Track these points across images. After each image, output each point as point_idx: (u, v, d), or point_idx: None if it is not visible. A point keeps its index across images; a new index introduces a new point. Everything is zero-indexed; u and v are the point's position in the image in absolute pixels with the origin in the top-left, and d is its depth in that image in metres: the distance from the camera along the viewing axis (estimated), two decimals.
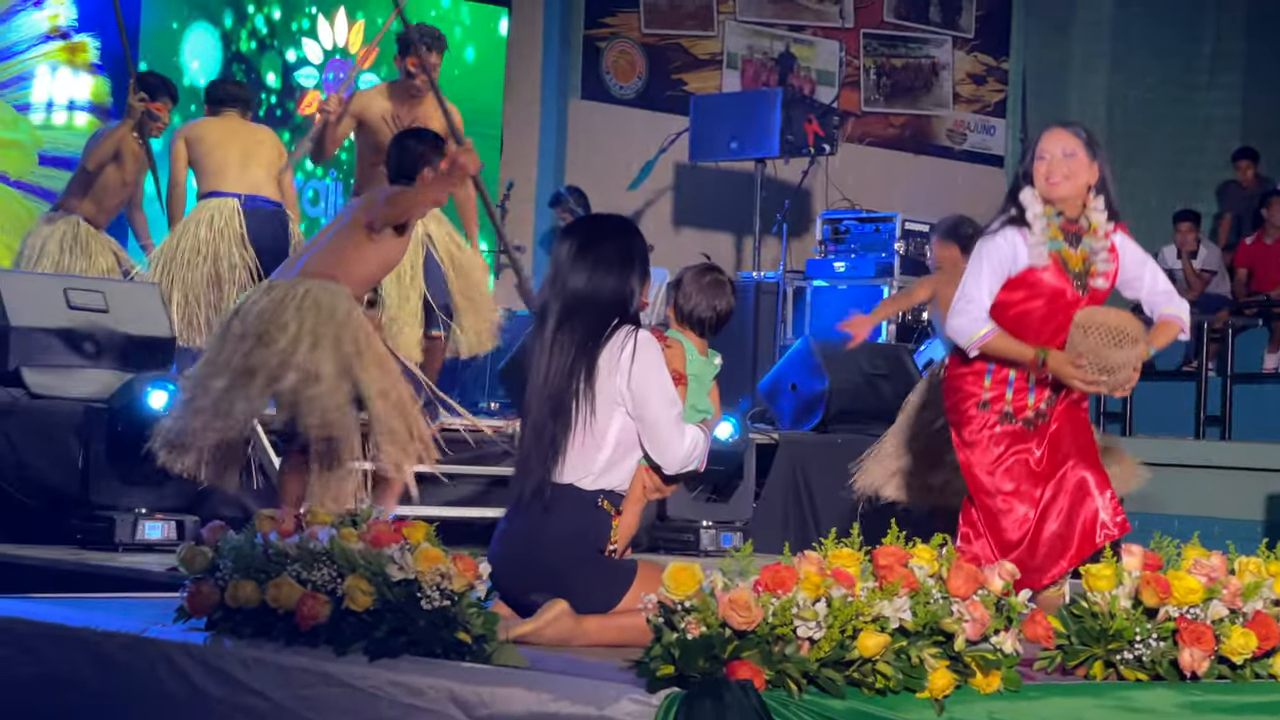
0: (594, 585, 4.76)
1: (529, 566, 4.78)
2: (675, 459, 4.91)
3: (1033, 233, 5.54)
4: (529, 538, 4.80)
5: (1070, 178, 5.54)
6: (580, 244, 4.88)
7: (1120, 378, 5.55)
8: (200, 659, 4.38)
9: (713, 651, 3.71)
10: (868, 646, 3.76)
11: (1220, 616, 4.11)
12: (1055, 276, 5.56)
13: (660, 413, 4.84)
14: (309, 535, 4.36)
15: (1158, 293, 5.72)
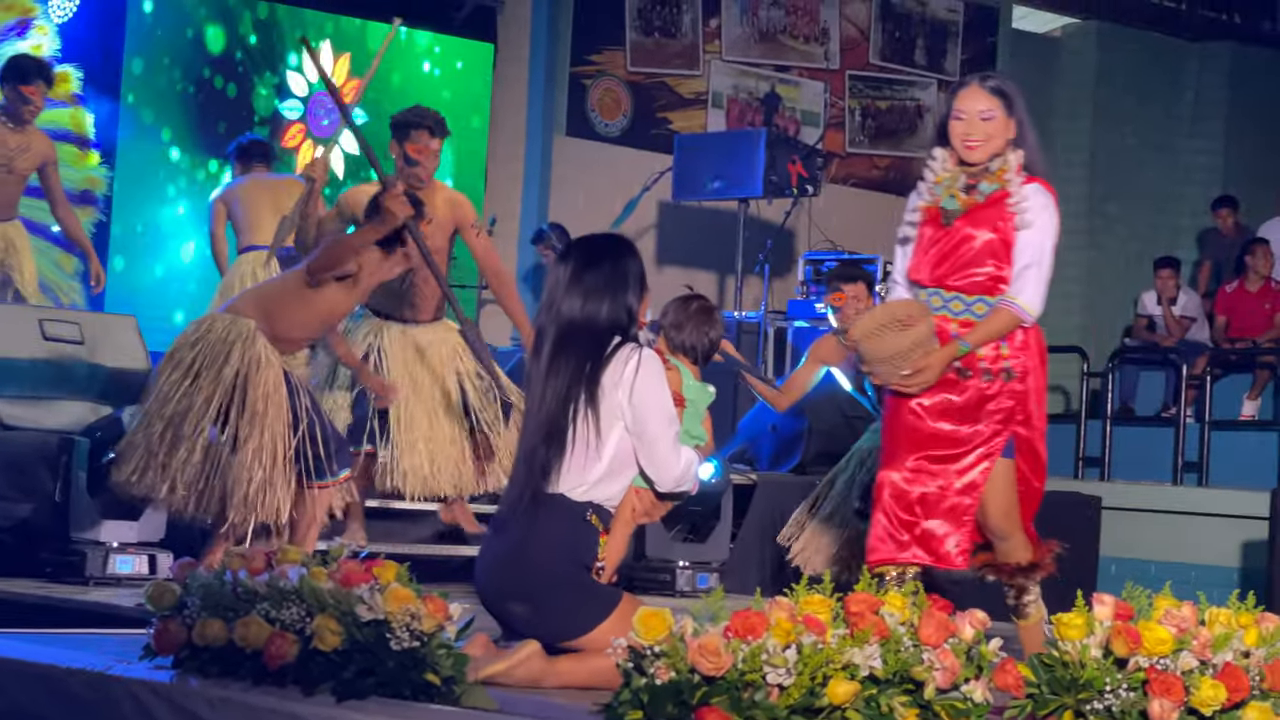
0: (572, 605, 4.73)
1: (511, 575, 4.75)
2: (670, 477, 4.91)
3: (922, 186, 5.43)
4: (514, 546, 4.77)
5: (987, 140, 5.36)
6: (574, 268, 4.86)
7: (888, 369, 5.28)
8: (166, 697, 4.35)
9: (681, 697, 3.70)
10: (837, 694, 3.75)
11: (1190, 668, 4.09)
12: (930, 225, 5.41)
13: (659, 430, 4.83)
14: (278, 574, 4.33)
15: (1021, 266, 5.36)
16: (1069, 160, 15.29)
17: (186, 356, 6.52)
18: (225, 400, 6.47)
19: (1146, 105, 15.41)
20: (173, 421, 6.48)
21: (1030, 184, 5.42)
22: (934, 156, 5.47)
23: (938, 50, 14.80)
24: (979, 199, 5.39)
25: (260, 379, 6.50)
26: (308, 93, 12.01)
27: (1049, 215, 5.43)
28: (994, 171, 5.40)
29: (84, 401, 7.81)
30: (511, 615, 4.75)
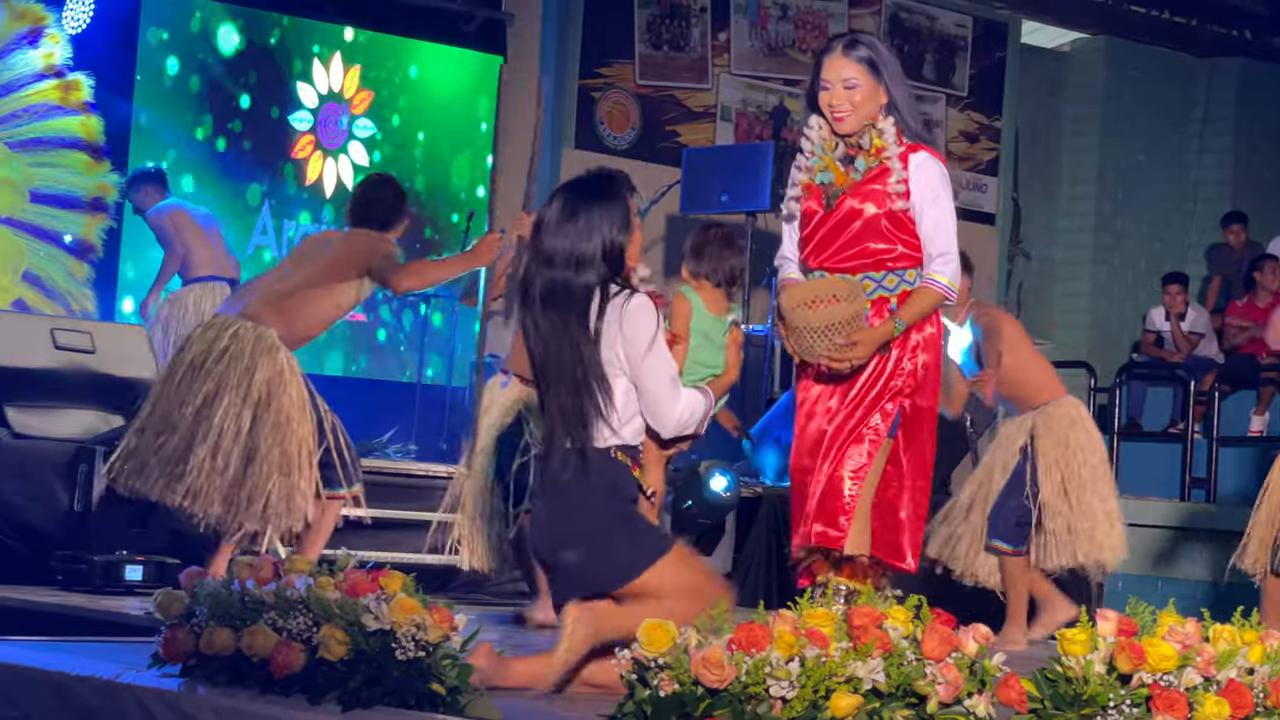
0: (625, 547, 4.70)
1: (563, 528, 4.75)
2: (669, 423, 4.82)
3: (800, 159, 5.37)
4: (559, 500, 4.77)
5: (855, 109, 5.26)
6: (561, 208, 4.76)
7: (822, 341, 5.21)
8: (174, 706, 4.37)
9: (685, 709, 3.72)
10: (840, 707, 3.76)
11: (1194, 684, 4.10)
12: (811, 199, 5.37)
13: (654, 380, 4.76)
14: (286, 583, 4.36)
15: (932, 244, 5.31)
16: (1077, 176, 15.30)
17: (209, 364, 6.60)
18: (252, 411, 6.55)
19: (1156, 121, 15.42)
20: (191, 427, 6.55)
21: (916, 152, 5.33)
22: (809, 126, 5.37)
23: (946, 65, 14.81)
24: (856, 177, 5.31)
25: (286, 389, 6.58)
26: (317, 104, 12.04)
27: (945, 186, 5.35)
28: (870, 147, 5.30)
29: (94, 410, 7.85)
30: (570, 571, 4.73)
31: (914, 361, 5.36)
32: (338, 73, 12.06)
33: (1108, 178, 15.29)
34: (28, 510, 7.42)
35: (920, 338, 5.39)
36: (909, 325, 5.32)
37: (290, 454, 6.58)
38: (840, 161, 5.34)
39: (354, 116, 12.21)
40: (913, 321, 5.32)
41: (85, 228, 10.09)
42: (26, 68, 10.07)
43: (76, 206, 10.11)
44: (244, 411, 6.55)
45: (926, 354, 5.38)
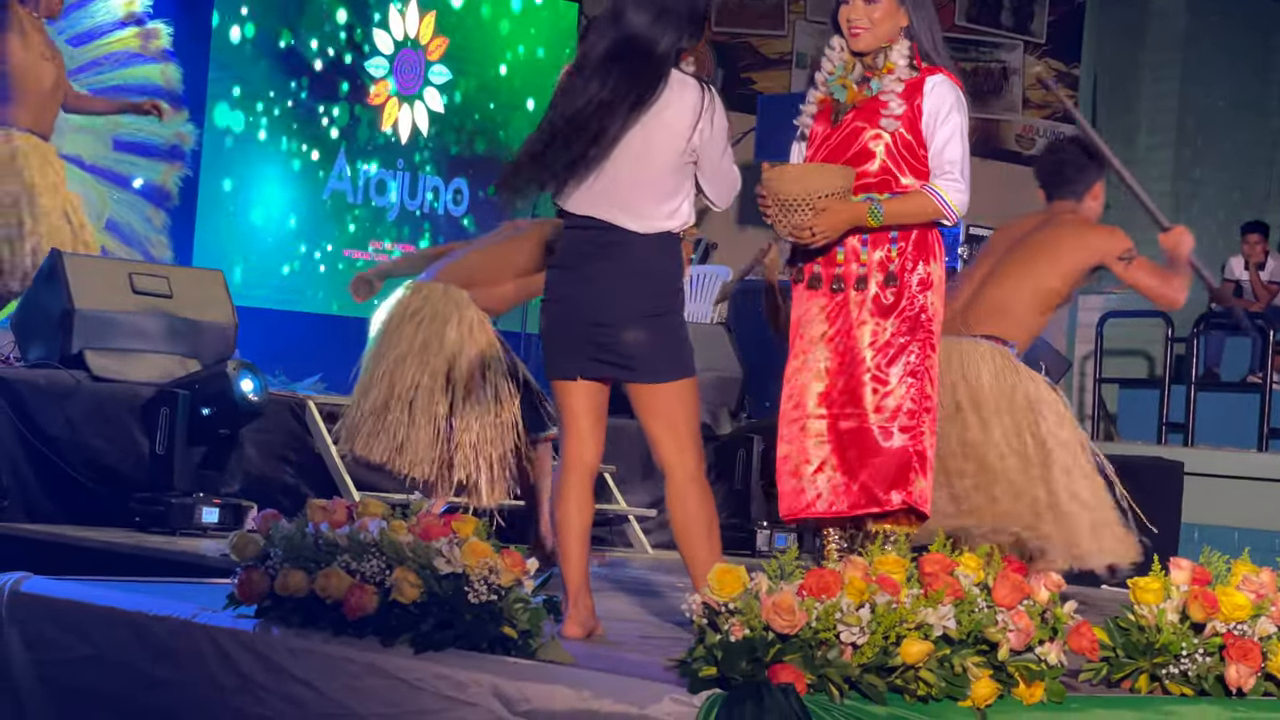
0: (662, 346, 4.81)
1: (633, 306, 4.79)
2: (725, 197, 4.95)
3: (818, 77, 5.32)
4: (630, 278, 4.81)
5: (872, 27, 5.19)
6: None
7: (797, 213, 5.10)
8: (248, 646, 4.42)
9: (755, 654, 3.72)
10: (910, 653, 3.76)
11: (1268, 634, 4.09)
12: (823, 120, 5.31)
13: (727, 162, 4.91)
14: (359, 527, 4.39)
15: (940, 161, 5.21)
16: (1156, 124, 15.15)
17: (408, 330, 6.80)
18: (448, 368, 6.77)
19: (1236, 67, 15.24)
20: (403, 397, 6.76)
21: (933, 74, 5.26)
22: (831, 46, 5.32)
23: (1024, 12, 14.69)
24: (868, 94, 5.25)
25: (476, 343, 6.72)
26: (393, 50, 12.06)
27: (959, 110, 5.26)
28: (882, 68, 5.24)
29: (171, 355, 7.91)
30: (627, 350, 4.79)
31: (923, 298, 5.25)
32: (414, 19, 12.07)
33: (1187, 125, 15.13)
34: (107, 453, 7.49)
35: (925, 272, 5.24)
36: (889, 219, 5.15)
37: (490, 409, 6.76)
38: (857, 82, 5.27)
39: (430, 63, 12.22)
40: (894, 215, 5.15)
41: (163, 175, 10.14)
42: (107, 15, 10.12)
43: (154, 154, 10.15)
44: (438, 369, 6.72)
45: (933, 294, 5.26)
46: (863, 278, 5.21)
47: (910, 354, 5.21)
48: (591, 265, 4.83)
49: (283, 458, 7.97)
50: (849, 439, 5.21)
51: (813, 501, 5.24)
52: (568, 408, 4.92)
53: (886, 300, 5.21)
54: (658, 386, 4.83)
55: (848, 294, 5.23)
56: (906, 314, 5.22)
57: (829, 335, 5.26)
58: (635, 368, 4.83)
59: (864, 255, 5.22)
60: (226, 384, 7.43)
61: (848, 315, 5.24)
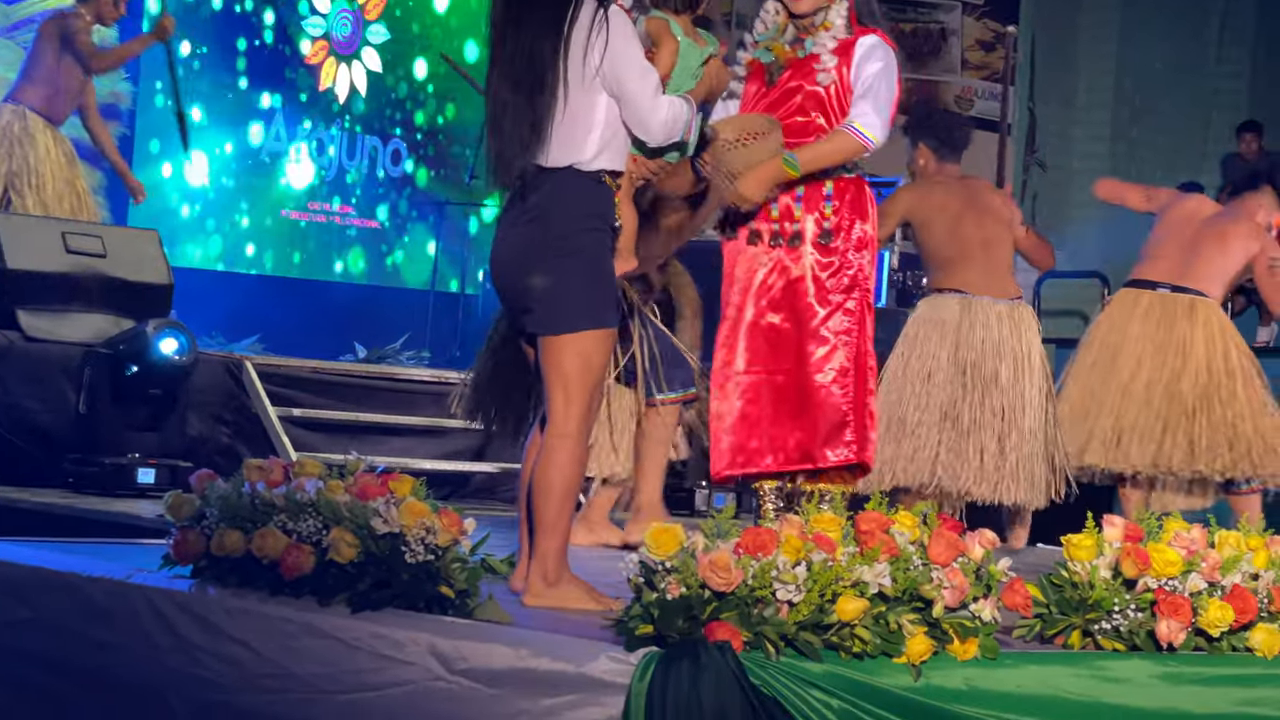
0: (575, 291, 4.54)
1: (535, 245, 4.56)
2: (656, 129, 4.67)
3: (748, 38, 5.36)
4: (532, 221, 4.57)
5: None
6: None
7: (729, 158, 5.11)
8: (184, 606, 4.40)
9: (691, 612, 3.73)
10: (846, 611, 3.78)
11: (1198, 589, 4.13)
12: (755, 80, 5.35)
13: (636, 85, 4.62)
14: (296, 486, 4.37)
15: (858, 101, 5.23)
16: (1093, 85, 15.19)
17: None
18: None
19: (1173, 29, 15.29)
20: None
21: (867, 35, 5.31)
22: (765, 9, 5.37)
23: None
24: (801, 54, 5.29)
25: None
26: (331, 9, 11.98)
27: (889, 72, 5.29)
28: (820, 25, 5.29)
29: (105, 314, 7.86)
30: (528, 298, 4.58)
31: (859, 257, 5.29)
32: None
33: (1124, 86, 15.18)
34: (40, 413, 7.45)
35: (861, 232, 5.29)
36: (807, 166, 5.17)
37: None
38: (788, 44, 5.31)
39: (368, 22, 12.16)
40: (810, 162, 5.17)
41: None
42: None
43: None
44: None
45: (868, 254, 5.30)
46: (797, 234, 5.25)
47: (846, 312, 5.24)
48: (511, 209, 4.71)
49: (219, 418, 7.95)
50: (783, 396, 5.24)
51: (749, 458, 5.27)
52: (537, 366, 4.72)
53: (823, 259, 5.24)
54: (552, 338, 4.58)
55: (782, 251, 5.26)
56: (843, 273, 5.25)
57: (762, 290, 5.29)
58: (535, 314, 4.60)
59: (798, 213, 5.26)
60: (146, 343, 7.38)
61: (783, 273, 5.27)
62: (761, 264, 5.30)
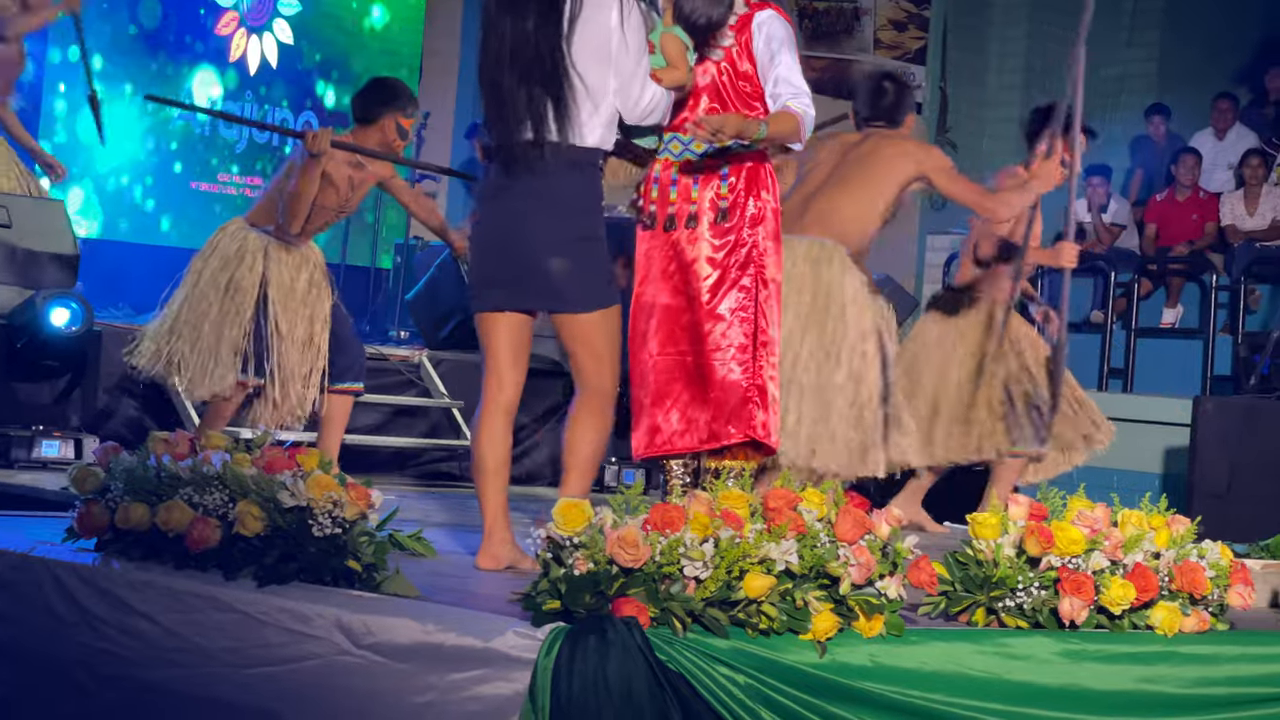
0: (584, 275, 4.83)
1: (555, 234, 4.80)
2: (639, 110, 4.95)
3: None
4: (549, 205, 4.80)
5: None
6: None
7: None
8: (88, 580, 4.37)
9: (599, 588, 3.73)
10: (753, 587, 3.80)
11: (1101, 568, 4.17)
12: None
13: (633, 66, 4.90)
14: (202, 459, 4.35)
15: (790, 86, 5.27)
16: (1005, 66, 15.30)
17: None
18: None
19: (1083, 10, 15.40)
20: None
21: (762, 9, 5.38)
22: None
23: None
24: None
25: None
26: None
27: (789, 45, 5.34)
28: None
29: (9, 286, 7.77)
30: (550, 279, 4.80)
31: (754, 234, 5.34)
32: None
33: (1035, 67, 15.28)
34: None
35: (757, 208, 5.34)
36: (770, 136, 5.17)
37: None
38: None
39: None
40: (775, 135, 5.18)
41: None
42: None
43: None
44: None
45: (764, 229, 5.36)
46: (694, 215, 5.28)
47: (741, 289, 5.29)
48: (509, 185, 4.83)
49: (127, 391, 7.87)
50: (692, 375, 5.29)
51: (668, 439, 5.31)
52: (489, 342, 4.92)
53: (718, 238, 5.28)
54: (586, 315, 4.87)
55: (680, 232, 5.30)
56: (738, 250, 5.29)
57: (667, 273, 5.32)
58: (564, 296, 4.84)
59: (694, 193, 5.30)
60: (36, 315, 7.30)
61: (683, 253, 5.31)
62: (663, 248, 5.34)
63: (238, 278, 6.96)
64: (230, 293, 6.96)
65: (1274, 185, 13.11)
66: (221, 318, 6.97)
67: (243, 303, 6.95)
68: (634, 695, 3.63)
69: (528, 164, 4.80)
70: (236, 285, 6.96)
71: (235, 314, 6.95)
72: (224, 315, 6.98)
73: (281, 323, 6.97)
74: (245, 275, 6.96)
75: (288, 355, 7.00)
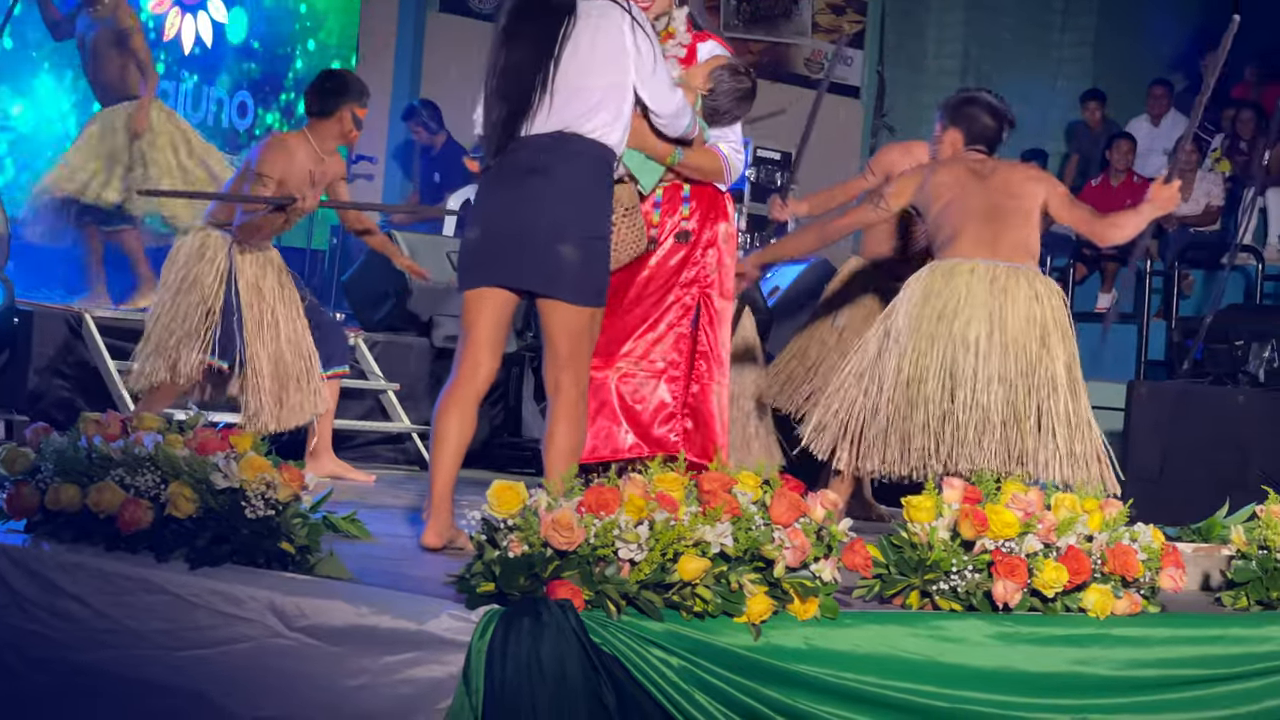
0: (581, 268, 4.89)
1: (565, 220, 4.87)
2: (670, 109, 5.13)
3: None
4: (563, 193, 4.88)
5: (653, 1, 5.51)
6: None
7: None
8: (18, 561, 4.34)
9: (533, 570, 3.73)
10: (688, 570, 3.80)
11: (1034, 550, 4.19)
12: None
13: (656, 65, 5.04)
14: (134, 440, 4.32)
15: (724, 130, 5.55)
16: (943, 51, 15.34)
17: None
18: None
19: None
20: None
21: (704, 41, 5.57)
22: None
23: None
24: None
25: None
26: None
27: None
28: (664, 30, 5.51)
29: None
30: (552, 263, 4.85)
31: (706, 257, 5.51)
32: None
33: (972, 53, 15.34)
34: None
35: (713, 233, 5.53)
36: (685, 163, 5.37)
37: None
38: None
39: None
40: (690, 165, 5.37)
41: None
42: None
43: None
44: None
45: (714, 252, 5.51)
46: (654, 239, 5.42)
47: (683, 308, 5.40)
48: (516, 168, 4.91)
49: (57, 371, 7.82)
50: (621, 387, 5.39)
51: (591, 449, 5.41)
52: (469, 321, 4.97)
53: (673, 260, 5.40)
54: (578, 307, 4.90)
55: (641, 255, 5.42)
56: (688, 267, 5.41)
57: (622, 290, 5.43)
58: (562, 282, 4.89)
59: (655, 219, 5.48)
60: None
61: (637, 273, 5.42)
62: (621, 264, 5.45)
63: (199, 273, 6.95)
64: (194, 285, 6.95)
65: (1208, 171, 13.20)
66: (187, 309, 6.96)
67: (205, 294, 6.93)
68: (568, 677, 3.63)
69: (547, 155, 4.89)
70: (198, 279, 6.94)
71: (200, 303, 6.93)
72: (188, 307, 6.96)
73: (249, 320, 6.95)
74: (207, 270, 6.95)
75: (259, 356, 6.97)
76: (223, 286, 6.96)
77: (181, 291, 6.99)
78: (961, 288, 5.93)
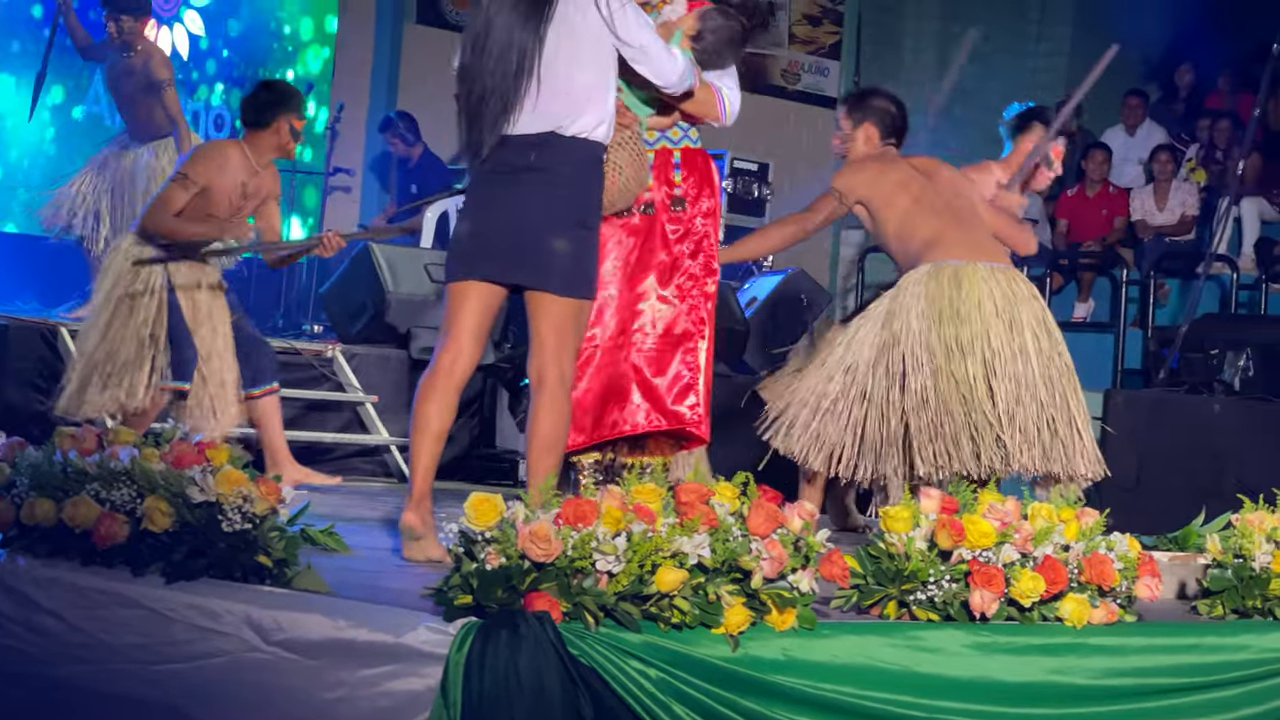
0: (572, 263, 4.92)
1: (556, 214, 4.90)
2: (674, 76, 5.12)
3: None
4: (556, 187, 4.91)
5: None
6: None
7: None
8: None
9: (511, 583, 3.72)
10: (666, 581, 3.80)
11: (1011, 560, 4.20)
12: None
13: (648, 39, 5.04)
14: (110, 454, 4.30)
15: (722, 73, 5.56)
16: (918, 61, 15.36)
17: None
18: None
19: (995, 8, 15.51)
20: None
21: (698, 6, 5.53)
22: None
23: None
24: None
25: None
26: None
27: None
28: (658, 3, 5.52)
29: None
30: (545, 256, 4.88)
31: (706, 225, 5.51)
32: None
33: (949, 63, 15.36)
34: None
35: (708, 205, 5.53)
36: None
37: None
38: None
39: None
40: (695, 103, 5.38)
41: None
42: None
43: None
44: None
45: (712, 225, 5.52)
46: (650, 203, 5.38)
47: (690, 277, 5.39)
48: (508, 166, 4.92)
49: (32, 384, 7.79)
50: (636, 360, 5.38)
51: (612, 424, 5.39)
52: (453, 312, 4.98)
53: (671, 226, 5.39)
54: (569, 300, 4.93)
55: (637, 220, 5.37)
56: (689, 238, 5.40)
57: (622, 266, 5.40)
58: (554, 276, 4.91)
59: (648, 181, 5.39)
60: None
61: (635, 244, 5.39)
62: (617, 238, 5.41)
63: (135, 295, 6.89)
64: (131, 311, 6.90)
65: (1183, 180, 13.24)
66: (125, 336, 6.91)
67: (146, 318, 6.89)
68: (546, 690, 3.63)
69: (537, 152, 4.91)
70: (135, 304, 6.88)
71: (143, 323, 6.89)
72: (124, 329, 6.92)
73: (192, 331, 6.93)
74: (142, 290, 6.90)
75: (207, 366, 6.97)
76: (163, 311, 6.91)
77: (119, 316, 6.93)
78: (974, 292, 5.96)
